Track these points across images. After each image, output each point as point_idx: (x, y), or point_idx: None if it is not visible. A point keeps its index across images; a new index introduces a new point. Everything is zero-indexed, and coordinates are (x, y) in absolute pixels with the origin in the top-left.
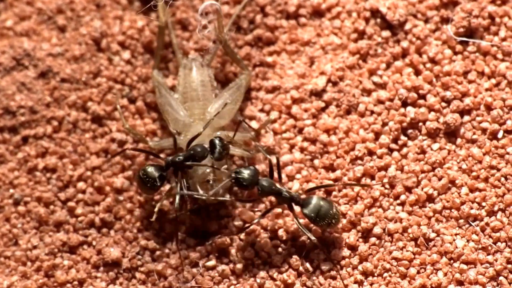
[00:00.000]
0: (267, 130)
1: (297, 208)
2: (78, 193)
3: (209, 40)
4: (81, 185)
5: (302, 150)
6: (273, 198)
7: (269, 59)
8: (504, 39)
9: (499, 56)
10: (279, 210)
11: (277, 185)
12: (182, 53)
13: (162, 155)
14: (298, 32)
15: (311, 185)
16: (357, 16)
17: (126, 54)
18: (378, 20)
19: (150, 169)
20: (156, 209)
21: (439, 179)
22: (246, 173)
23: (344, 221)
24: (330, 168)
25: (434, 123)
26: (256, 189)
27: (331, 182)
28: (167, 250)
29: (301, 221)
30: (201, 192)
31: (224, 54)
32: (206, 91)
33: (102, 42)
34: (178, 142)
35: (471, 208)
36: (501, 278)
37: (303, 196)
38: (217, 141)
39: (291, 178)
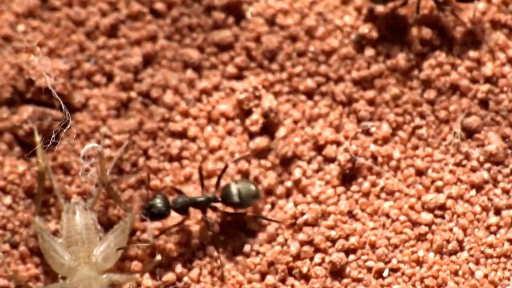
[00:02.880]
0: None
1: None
2: None
3: (91, 183)
4: None
5: None
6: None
7: None
8: (387, 178)
9: (383, 195)
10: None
11: (190, 196)
12: (64, 197)
13: None
14: (181, 174)
15: None
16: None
17: (8, 199)
18: (262, 161)
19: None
20: None
21: None
22: (158, 201)
23: None
24: None
25: (319, 260)
26: (174, 210)
27: None
28: None
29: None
30: None
31: (107, 197)
32: (90, 234)
33: None
34: (63, 286)
35: None
36: None
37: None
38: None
39: None
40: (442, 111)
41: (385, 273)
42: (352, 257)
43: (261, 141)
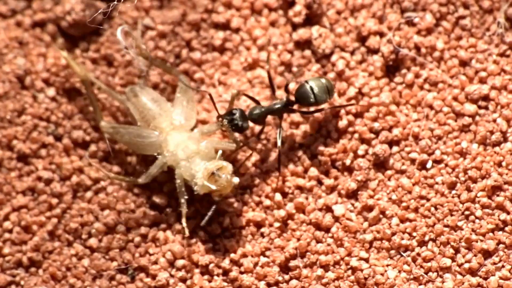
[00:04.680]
0: None
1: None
2: (5, 232)
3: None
4: (7, 224)
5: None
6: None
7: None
8: (431, 69)
9: (426, 86)
10: (210, 245)
11: (265, 105)
12: (116, 91)
13: None
14: (224, 66)
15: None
16: (283, 49)
17: (51, 91)
18: (306, 52)
19: None
20: None
21: (370, 210)
22: (236, 115)
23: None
24: (260, 203)
25: (362, 152)
26: (252, 121)
27: None
28: None
29: None
30: (213, 187)
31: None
32: (161, 104)
33: (26, 80)
34: (164, 160)
35: (402, 239)
36: None
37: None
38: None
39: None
40: (486, 1)
41: (429, 165)
42: (395, 148)
43: (304, 33)
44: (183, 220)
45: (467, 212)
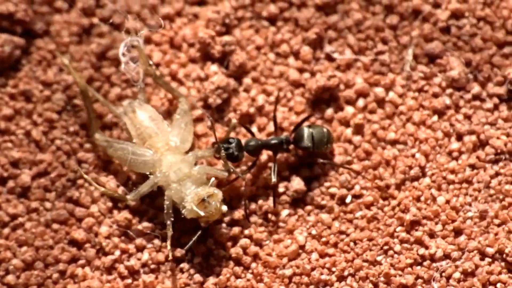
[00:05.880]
0: None
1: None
2: None
3: (137, 74)
4: None
5: None
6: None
7: None
8: (349, 105)
9: (345, 122)
10: (129, 280)
11: (262, 138)
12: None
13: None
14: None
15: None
16: (202, 84)
17: None
18: (226, 87)
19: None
20: None
21: (289, 245)
22: (233, 145)
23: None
24: (180, 237)
25: (283, 189)
26: (247, 152)
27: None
28: None
29: None
30: (201, 213)
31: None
32: (158, 123)
33: None
34: (156, 180)
35: (321, 274)
36: None
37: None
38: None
39: None
40: (404, 37)
41: (348, 200)
42: (315, 184)
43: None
44: (168, 243)
45: (386, 247)
